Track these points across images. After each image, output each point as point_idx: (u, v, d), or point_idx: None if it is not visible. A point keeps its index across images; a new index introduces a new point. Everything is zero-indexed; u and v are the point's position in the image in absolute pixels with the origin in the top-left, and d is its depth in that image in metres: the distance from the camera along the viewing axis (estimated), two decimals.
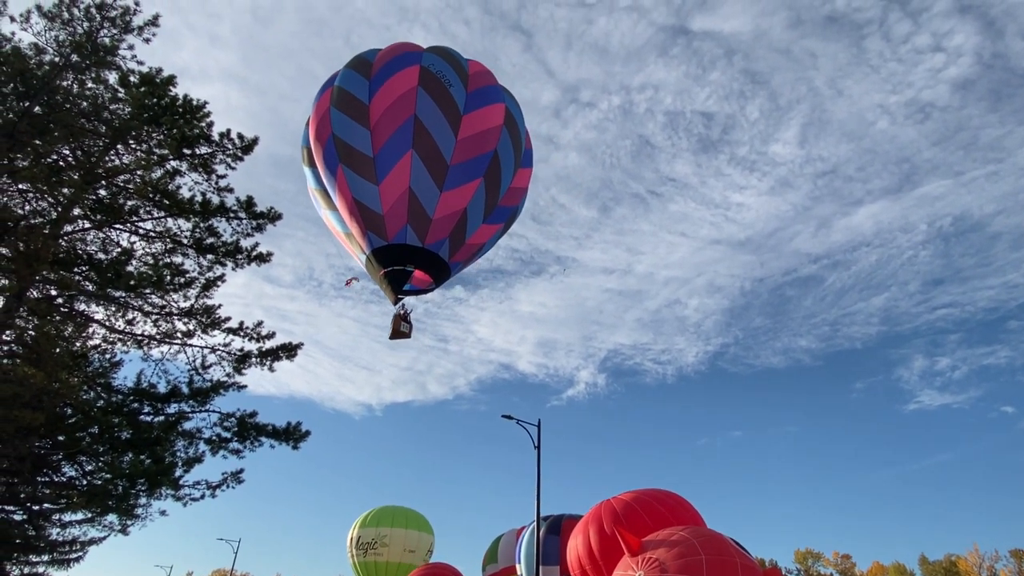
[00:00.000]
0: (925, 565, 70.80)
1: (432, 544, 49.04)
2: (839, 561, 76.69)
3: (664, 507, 30.14)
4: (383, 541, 45.32)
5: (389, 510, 48.90)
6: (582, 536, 29.13)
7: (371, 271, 16.29)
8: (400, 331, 16.29)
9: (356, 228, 15.24)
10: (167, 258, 12.65)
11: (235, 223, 12.25)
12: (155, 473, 10.12)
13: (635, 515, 28.37)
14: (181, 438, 11.24)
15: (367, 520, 47.81)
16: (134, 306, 12.15)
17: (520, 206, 19.15)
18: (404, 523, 47.50)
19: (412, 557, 46.57)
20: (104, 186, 12.34)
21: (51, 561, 18.30)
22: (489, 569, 47.76)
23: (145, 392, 11.33)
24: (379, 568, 45.44)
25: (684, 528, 25.15)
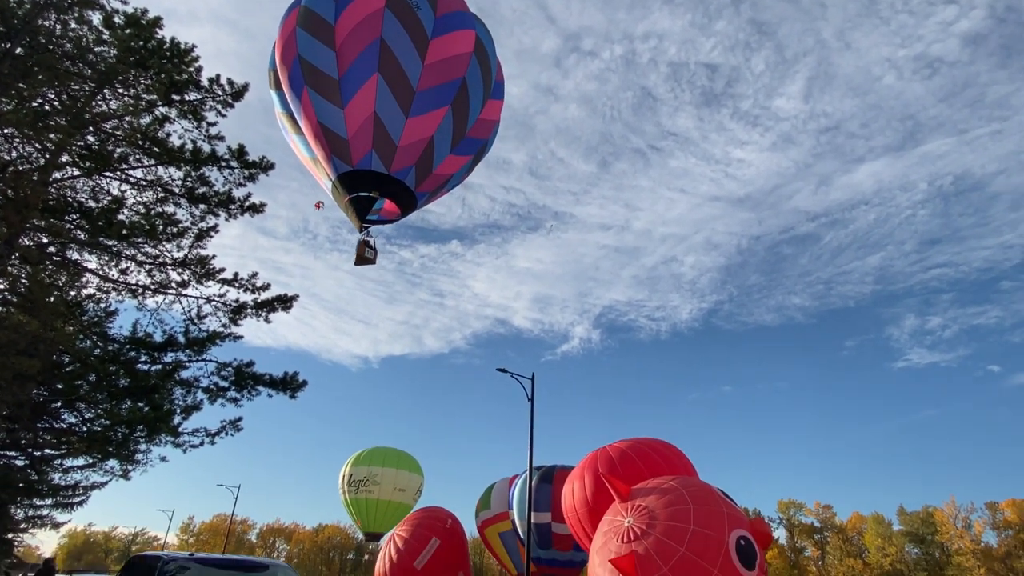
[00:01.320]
0: (903, 516, 73.45)
1: (421, 484, 50.59)
2: (820, 511, 79.53)
3: (658, 455, 30.94)
4: (374, 480, 46.72)
5: (381, 451, 50.18)
6: (577, 482, 29.93)
7: (337, 197, 16.22)
8: (365, 257, 16.37)
9: (321, 153, 15.07)
10: (159, 207, 12.48)
11: (227, 172, 12.03)
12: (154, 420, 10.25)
13: (630, 462, 29.17)
14: (179, 387, 11.34)
15: (359, 459, 49.09)
16: (127, 255, 12.05)
17: (490, 140, 18.86)
18: (395, 463, 48.91)
19: (402, 496, 48.18)
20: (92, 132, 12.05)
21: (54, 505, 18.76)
22: (482, 515, 49.32)
23: (141, 341, 11.36)
24: (370, 505, 47.04)
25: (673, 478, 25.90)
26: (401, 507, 48.66)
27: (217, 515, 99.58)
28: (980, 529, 69.02)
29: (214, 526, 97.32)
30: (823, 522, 79.12)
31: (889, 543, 71.74)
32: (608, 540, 23.24)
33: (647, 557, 21.38)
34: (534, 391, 25.93)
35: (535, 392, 26.04)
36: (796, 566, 76.72)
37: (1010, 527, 68.22)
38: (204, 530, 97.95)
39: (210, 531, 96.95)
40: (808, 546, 79.74)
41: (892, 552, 71.01)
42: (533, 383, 25.96)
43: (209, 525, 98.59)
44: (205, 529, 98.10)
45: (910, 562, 71.40)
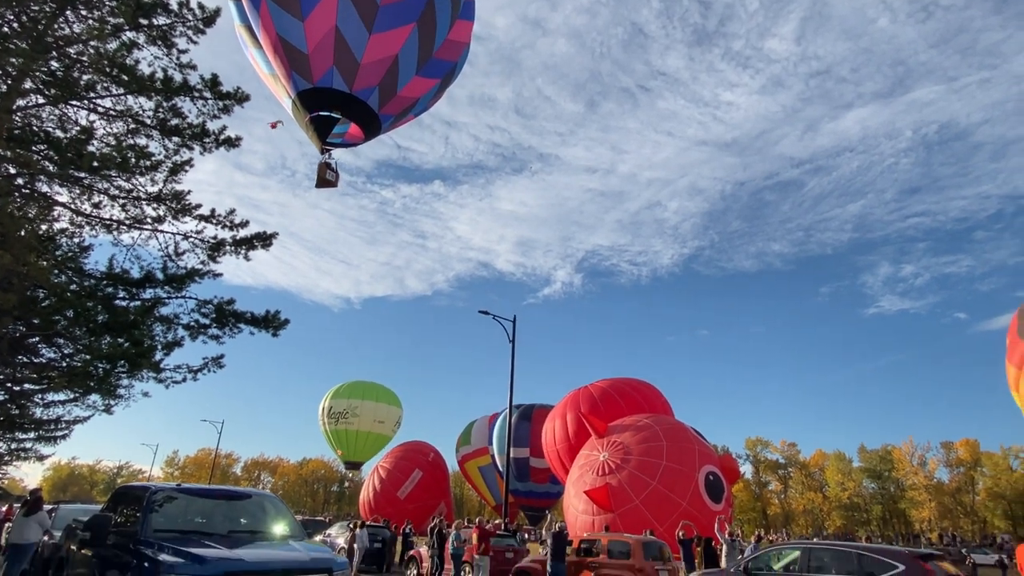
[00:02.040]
0: (863, 453, 77.36)
1: (400, 417, 51.72)
2: (785, 448, 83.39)
3: (639, 394, 31.94)
4: (354, 412, 47.64)
5: (360, 384, 50.89)
6: (559, 420, 30.96)
7: (297, 116, 15.71)
8: (326, 179, 16.03)
9: (281, 68, 14.47)
10: (130, 139, 12.00)
11: (200, 103, 11.54)
12: (134, 355, 10.22)
13: (611, 400, 30.18)
14: (159, 323, 11.24)
15: (339, 392, 49.85)
16: (99, 189, 11.67)
17: (459, 64, 18.00)
18: (374, 396, 49.81)
19: (381, 428, 49.36)
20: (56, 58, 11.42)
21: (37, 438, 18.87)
22: (463, 450, 50.92)
23: (118, 277, 11.16)
24: (349, 436, 48.17)
25: (648, 416, 26.81)
26: (380, 438, 49.84)
27: (202, 449, 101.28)
28: (934, 466, 73.15)
29: (199, 460, 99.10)
30: (787, 458, 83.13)
31: (848, 478, 75.80)
32: (584, 473, 24.32)
33: (620, 489, 22.47)
34: (515, 333, 26.27)
35: (516, 334, 26.40)
36: (760, 499, 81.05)
37: (962, 464, 72.35)
38: (189, 463, 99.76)
39: (195, 464, 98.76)
40: (772, 480, 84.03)
41: (851, 487, 75.16)
42: (515, 325, 26.27)
43: (194, 459, 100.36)
44: (190, 463, 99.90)
45: (867, 496, 75.81)
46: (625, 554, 14.06)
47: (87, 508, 13.47)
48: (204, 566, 5.53)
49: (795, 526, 77.78)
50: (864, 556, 9.95)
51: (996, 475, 69.63)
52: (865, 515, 74.69)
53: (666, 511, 20.75)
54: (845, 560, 10.10)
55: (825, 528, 74.51)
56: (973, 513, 70.53)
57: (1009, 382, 16.66)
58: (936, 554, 10.28)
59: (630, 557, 13.86)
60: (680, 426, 25.42)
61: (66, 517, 12.00)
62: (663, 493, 21.63)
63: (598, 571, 14.18)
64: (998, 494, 68.64)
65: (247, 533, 7.11)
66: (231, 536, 6.73)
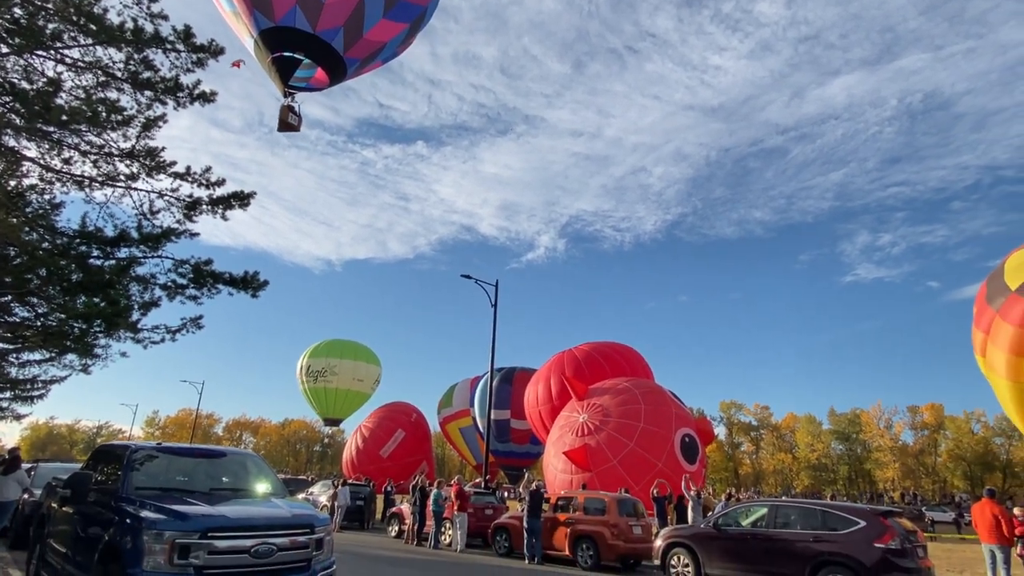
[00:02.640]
0: (833, 416, 79.91)
1: (379, 375, 51.96)
2: (758, 411, 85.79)
3: (622, 357, 32.41)
4: (332, 371, 47.80)
5: (338, 343, 50.89)
6: (542, 382, 31.41)
7: (259, 57, 15.19)
8: (288, 123, 15.63)
9: (242, 5, 13.94)
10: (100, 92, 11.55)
11: (173, 56, 11.10)
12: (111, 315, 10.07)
13: (595, 363, 30.67)
14: (135, 283, 11.04)
15: (317, 351, 49.80)
16: (69, 144, 11.29)
17: (430, 9, 17.42)
18: (353, 355, 49.88)
19: (360, 386, 49.64)
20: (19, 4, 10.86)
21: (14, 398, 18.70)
22: (444, 412, 51.55)
23: (92, 235, 10.90)
24: (328, 394, 48.43)
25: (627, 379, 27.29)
26: (359, 395, 50.09)
27: (182, 410, 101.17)
28: (900, 429, 75.92)
29: (180, 420, 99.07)
30: (760, 421, 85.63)
31: (818, 440, 78.48)
32: (564, 434, 24.83)
33: (598, 450, 23.04)
34: (497, 297, 26.38)
35: (498, 298, 26.51)
36: (732, 459, 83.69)
37: (926, 428, 75.17)
38: (170, 424, 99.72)
39: (176, 425, 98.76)
40: (745, 442, 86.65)
41: (820, 448, 77.87)
42: (497, 290, 26.36)
43: (175, 419, 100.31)
44: (171, 423, 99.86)
45: (834, 457, 78.72)
46: (600, 510, 14.52)
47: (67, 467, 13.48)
48: (186, 522, 5.60)
49: (765, 485, 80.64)
50: (828, 513, 10.41)
51: (958, 438, 72.54)
52: (832, 475, 77.60)
53: (642, 471, 21.39)
54: (810, 516, 10.55)
55: (794, 487, 77.39)
56: (935, 474, 73.69)
57: (975, 347, 17.22)
58: (895, 511, 10.77)
59: (605, 513, 14.32)
60: (658, 390, 25.97)
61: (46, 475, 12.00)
62: (640, 454, 22.23)
63: (574, 527, 14.64)
64: (959, 456, 71.65)
65: (229, 491, 7.18)
66: (213, 494, 6.79)
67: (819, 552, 9.92)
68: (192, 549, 5.46)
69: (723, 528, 11.55)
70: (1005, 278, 16.84)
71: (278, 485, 7.69)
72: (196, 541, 5.49)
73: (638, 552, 14.16)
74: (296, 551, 6.13)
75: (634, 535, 14.16)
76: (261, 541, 5.83)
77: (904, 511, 16.09)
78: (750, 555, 10.82)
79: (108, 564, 5.69)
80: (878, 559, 9.38)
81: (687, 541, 11.94)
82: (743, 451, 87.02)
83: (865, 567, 9.39)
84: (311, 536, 6.32)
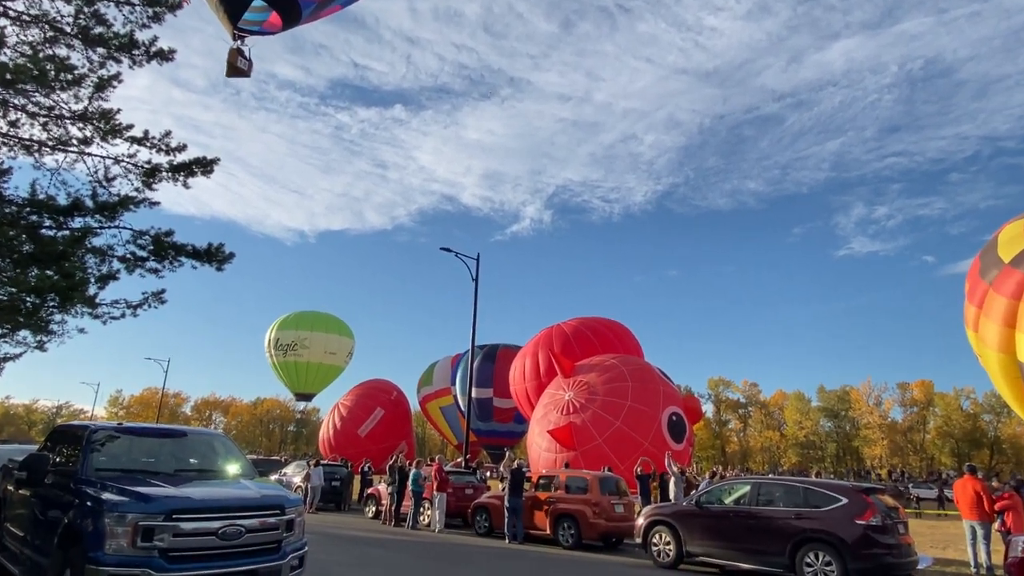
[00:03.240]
0: (822, 393, 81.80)
1: (352, 347, 51.85)
2: (746, 388, 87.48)
3: (612, 333, 32.71)
4: (303, 343, 47.59)
5: (308, 315, 50.59)
6: (529, 358, 31.68)
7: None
8: (237, 67, 15.31)
9: None
10: (48, 49, 11.20)
11: (126, 10, 10.77)
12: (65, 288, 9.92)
13: (584, 338, 30.97)
14: (91, 255, 10.85)
15: (286, 323, 49.44)
16: (15, 105, 10.96)
17: None
18: (324, 327, 49.66)
19: (333, 359, 49.55)
20: None
21: None
22: (424, 390, 51.84)
23: (43, 204, 10.65)
24: (299, 368, 48.28)
25: (615, 356, 27.62)
26: (332, 369, 50.00)
27: (147, 388, 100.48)
28: (889, 406, 78.05)
29: (144, 399, 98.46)
30: (748, 398, 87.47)
31: (806, 417, 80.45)
32: (548, 412, 25.19)
33: (583, 428, 23.44)
34: (479, 271, 26.40)
35: (480, 272, 26.53)
36: (719, 437, 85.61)
37: (916, 404, 77.37)
38: (134, 403, 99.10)
39: (140, 404, 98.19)
40: (732, 419, 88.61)
41: (808, 426, 79.91)
42: (478, 263, 26.37)
43: (139, 398, 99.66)
44: (135, 402, 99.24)
45: (823, 434, 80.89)
46: (583, 489, 14.85)
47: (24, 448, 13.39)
48: (149, 504, 5.63)
49: (752, 463, 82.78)
50: (810, 490, 10.77)
51: (947, 415, 74.86)
52: (820, 452, 79.86)
53: (628, 450, 21.79)
54: (792, 494, 10.91)
55: (781, 465, 79.51)
56: (923, 451, 76.16)
57: (967, 322, 17.67)
58: (877, 488, 11.19)
59: (587, 492, 14.65)
60: (646, 367, 26.37)
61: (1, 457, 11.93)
62: (626, 432, 22.65)
63: (556, 505, 14.98)
64: (947, 433, 74.03)
65: (195, 472, 7.22)
66: (178, 475, 6.83)
67: (801, 529, 10.28)
68: (156, 531, 5.51)
69: (705, 506, 11.89)
70: (999, 251, 17.23)
71: (247, 466, 7.75)
72: (160, 523, 5.54)
73: (620, 530, 14.55)
74: (266, 533, 6.22)
75: (616, 513, 14.53)
76: (229, 523, 5.90)
77: (886, 488, 16.67)
78: (732, 532, 11.18)
79: (68, 548, 5.73)
80: (859, 536, 9.75)
81: (669, 519, 12.28)
82: (731, 429, 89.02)
83: (846, 544, 9.76)
84: (281, 518, 6.40)
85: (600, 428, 22.87)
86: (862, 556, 9.64)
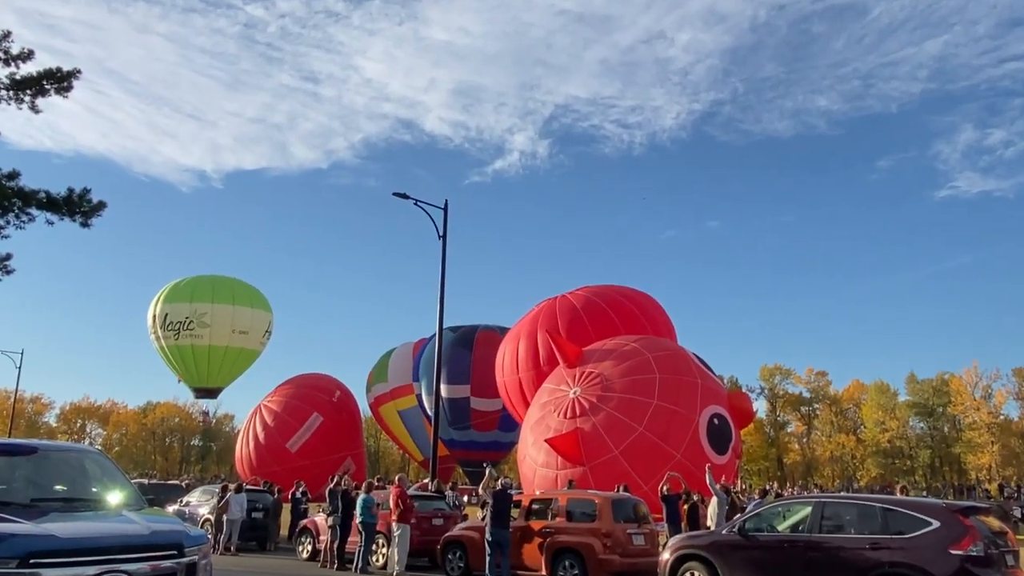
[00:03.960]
0: (912, 384, 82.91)
1: (270, 323, 51.70)
2: (811, 379, 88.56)
3: (635, 306, 32.58)
4: (201, 320, 47.19)
5: (206, 280, 50.00)
6: (525, 339, 31.54)
7: None
8: None
9: None
10: None
11: None
12: None
13: (598, 313, 30.89)
14: None
15: (176, 293, 48.81)
16: None
17: None
18: (230, 297, 49.21)
19: (244, 340, 49.24)
20: None
21: None
22: (376, 389, 52.18)
23: None
24: (198, 354, 47.79)
25: (636, 339, 27.68)
26: (244, 353, 49.76)
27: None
28: (1002, 400, 78.98)
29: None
30: (814, 392, 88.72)
31: (891, 416, 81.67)
32: (547, 414, 25.37)
33: (594, 436, 23.66)
34: (446, 225, 26.35)
35: (450, 227, 26.45)
36: (775, 444, 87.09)
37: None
38: None
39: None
40: (792, 420, 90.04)
41: (893, 427, 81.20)
42: (446, 214, 26.30)
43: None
44: None
45: (912, 438, 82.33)
46: (589, 515, 15.11)
47: None
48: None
49: (818, 477, 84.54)
50: (891, 511, 11.04)
51: None
52: (909, 463, 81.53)
53: (654, 464, 21.88)
54: (867, 517, 11.18)
55: (857, 479, 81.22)
56: None
57: None
58: (980, 507, 11.52)
59: (596, 519, 14.91)
60: (679, 353, 26.52)
61: None
62: (651, 441, 22.89)
63: (554, 537, 15.24)
64: None
65: (59, 502, 7.25)
66: (35, 506, 6.84)
67: (877, 562, 10.54)
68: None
69: (752, 534, 12.16)
70: None
71: (132, 492, 7.82)
72: (14, 571, 5.57)
73: (639, 568, 14.85)
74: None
75: (634, 546, 14.83)
76: (107, 568, 5.95)
77: (991, 507, 17.15)
78: (787, 569, 11.47)
79: None
80: (954, 570, 10.01)
81: (704, 552, 12.54)
82: (790, 433, 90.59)
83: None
84: (180, 560, 6.47)
85: (617, 436, 23.14)
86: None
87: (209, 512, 22.73)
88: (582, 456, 23.03)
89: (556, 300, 32.24)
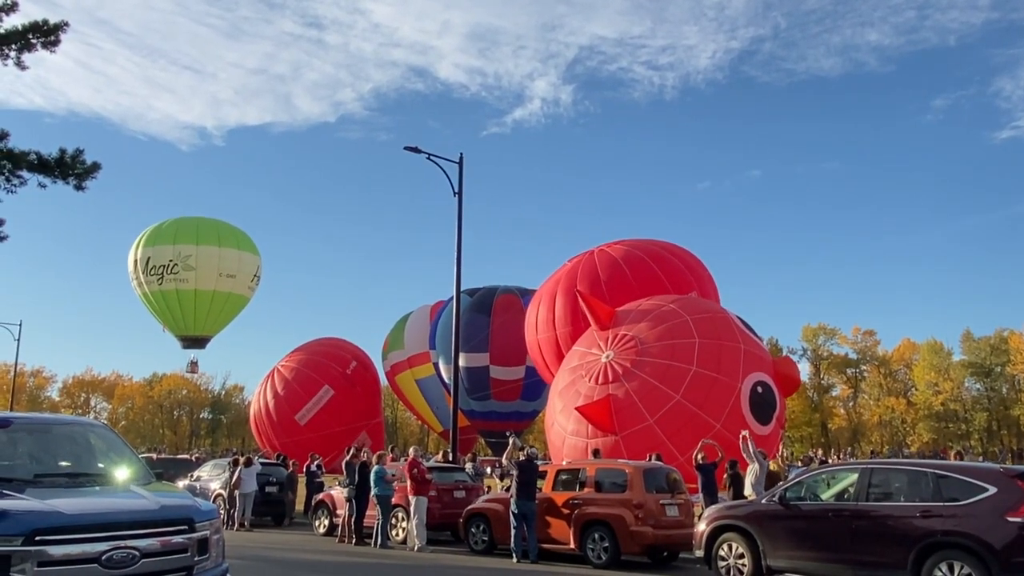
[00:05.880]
0: (968, 343, 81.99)
1: (259, 268, 51.75)
2: (859, 339, 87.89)
3: (679, 260, 31.92)
4: (186, 263, 47.29)
5: (190, 222, 50.04)
6: (564, 294, 31.10)
7: None
8: None
9: None
10: None
11: None
12: None
13: (642, 267, 30.49)
14: None
15: (160, 234, 48.88)
16: None
17: None
18: (215, 238, 49.32)
19: (232, 284, 49.29)
20: None
21: None
22: (393, 356, 52.55)
23: None
24: (183, 299, 47.87)
25: (674, 299, 27.52)
26: (232, 299, 49.75)
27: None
28: None
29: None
30: (861, 352, 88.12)
31: (944, 377, 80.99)
32: (577, 379, 25.38)
33: (627, 404, 23.65)
34: (462, 181, 26.25)
35: (466, 182, 26.36)
36: (819, 409, 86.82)
37: None
38: None
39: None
40: (838, 383, 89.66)
41: (947, 388, 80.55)
42: (461, 169, 26.21)
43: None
44: None
45: (968, 400, 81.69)
46: (620, 485, 15.19)
47: None
48: (2, 523, 5.78)
49: (866, 444, 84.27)
50: (943, 477, 10.99)
51: None
52: (964, 427, 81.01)
53: (692, 435, 21.72)
54: (918, 483, 11.15)
55: (908, 445, 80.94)
56: None
57: None
58: None
59: (626, 489, 15.00)
60: (721, 315, 26.24)
61: None
62: (689, 411, 22.78)
63: (582, 509, 15.36)
64: None
65: (64, 477, 7.43)
66: (40, 481, 7.01)
67: (929, 531, 10.52)
68: (14, 560, 5.65)
69: (794, 503, 12.19)
70: None
71: (138, 466, 7.96)
72: (19, 548, 5.67)
73: (673, 540, 14.99)
74: (170, 556, 6.42)
75: (667, 517, 14.93)
76: (116, 545, 6.06)
77: None
78: (831, 539, 11.47)
79: None
80: (1012, 539, 9.95)
81: (742, 523, 12.60)
82: (835, 397, 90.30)
83: (993, 550, 9.95)
84: (191, 535, 6.60)
85: (652, 403, 23.06)
86: (1015, 566, 9.89)
87: (221, 487, 23.14)
88: (614, 425, 22.96)
89: (594, 253, 31.76)
